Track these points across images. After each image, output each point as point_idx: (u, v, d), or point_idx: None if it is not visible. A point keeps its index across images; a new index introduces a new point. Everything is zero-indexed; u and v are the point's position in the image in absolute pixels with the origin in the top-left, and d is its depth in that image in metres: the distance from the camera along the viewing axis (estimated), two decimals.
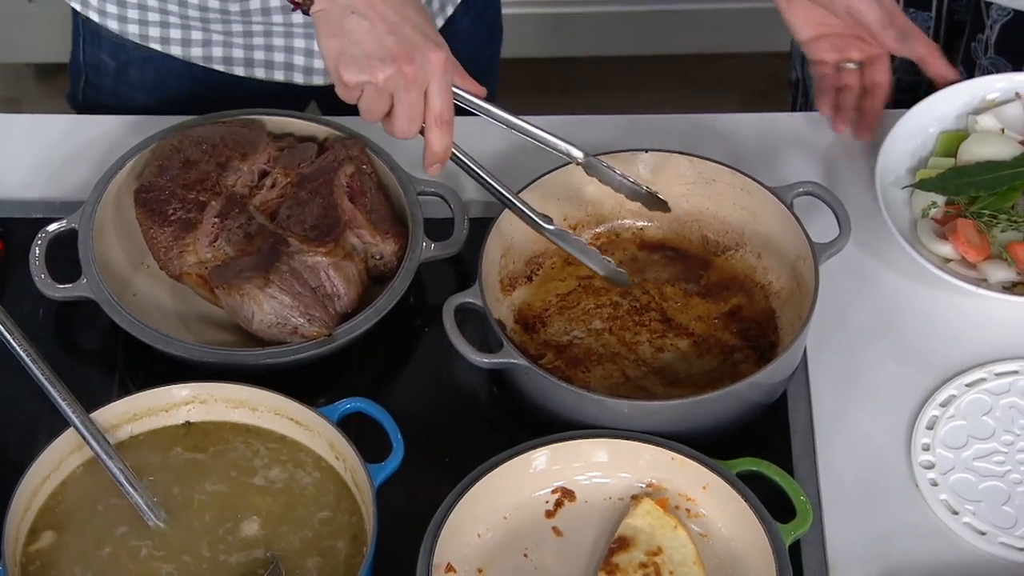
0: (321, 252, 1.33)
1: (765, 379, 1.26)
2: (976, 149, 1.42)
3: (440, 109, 1.21)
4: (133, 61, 1.54)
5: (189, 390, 1.26)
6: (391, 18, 1.19)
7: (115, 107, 1.56)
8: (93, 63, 1.57)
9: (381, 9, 1.19)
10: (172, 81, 1.54)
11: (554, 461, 1.25)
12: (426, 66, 1.19)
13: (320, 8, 1.21)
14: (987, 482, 1.26)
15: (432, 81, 1.20)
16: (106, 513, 1.22)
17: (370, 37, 1.19)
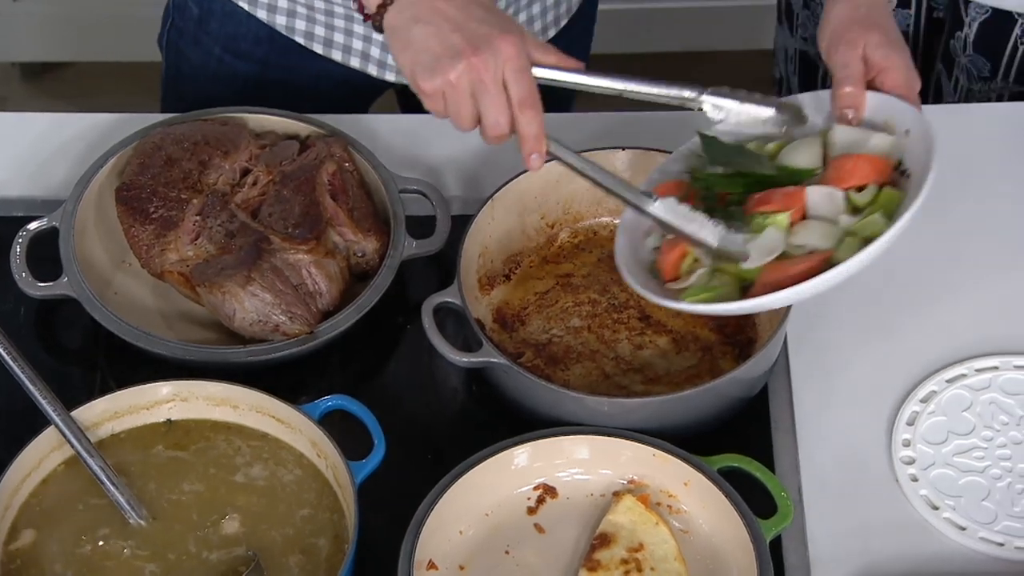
0: (303, 250, 1.33)
1: (744, 375, 1.26)
2: (789, 156, 1.29)
3: (521, 94, 1.16)
4: (215, 12, 1.54)
5: (170, 388, 1.26)
6: (456, 17, 1.17)
7: (193, 54, 1.58)
8: (180, 5, 1.58)
9: (445, 11, 1.17)
10: (248, 41, 1.54)
11: (535, 458, 1.25)
12: (495, 54, 1.16)
13: (390, 25, 1.20)
14: (967, 477, 1.27)
15: (506, 67, 1.16)
16: (87, 511, 1.22)
17: (437, 40, 1.17)
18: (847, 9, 1.28)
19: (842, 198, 1.22)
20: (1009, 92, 1.65)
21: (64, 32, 2.69)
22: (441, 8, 1.17)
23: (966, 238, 1.43)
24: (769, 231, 1.20)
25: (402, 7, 1.19)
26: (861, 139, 1.25)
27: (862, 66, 1.25)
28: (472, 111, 1.17)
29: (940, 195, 1.46)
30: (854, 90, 1.25)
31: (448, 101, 1.17)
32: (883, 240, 1.17)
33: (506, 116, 1.17)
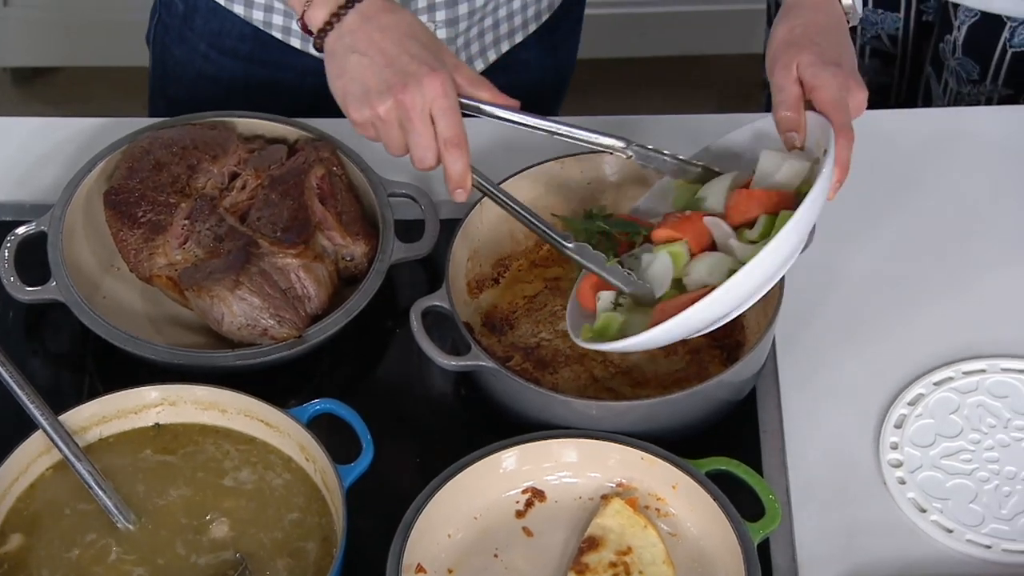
0: (291, 254, 1.33)
1: (732, 378, 1.26)
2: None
3: (448, 132, 1.19)
4: (200, 8, 1.54)
5: (158, 392, 1.26)
6: (390, 51, 1.19)
7: (179, 50, 1.58)
8: (166, 2, 1.59)
9: (381, 44, 1.20)
10: (232, 37, 1.55)
11: (524, 461, 1.25)
12: (422, 91, 1.18)
13: (329, 49, 1.22)
14: (954, 480, 1.27)
15: (433, 105, 1.19)
16: (75, 516, 1.22)
17: (371, 73, 1.19)
18: (784, 31, 1.28)
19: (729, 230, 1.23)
20: (998, 95, 1.66)
21: (54, 37, 2.69)
22: (377, 40, 1.20)
23: (953, 241, 1.44)
24: (658, 261, 1.23)
25: (342, 33, 1.21)
26: (773, 168, 1.25)
27: (797, 88, 1.25)
28: (401, 141, 1.21)
29: (928, 198, 1.47)
30: (791, 114, 1.25)
31: (379, 131, 1.21)
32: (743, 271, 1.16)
33: (433, 151, 1.20)
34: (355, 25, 1.21)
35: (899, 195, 1.47)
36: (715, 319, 1.20)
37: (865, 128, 1.52)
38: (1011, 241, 1.43)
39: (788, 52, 1.26)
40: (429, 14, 1.48)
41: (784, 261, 1.20)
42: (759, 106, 1.98)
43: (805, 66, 1.25)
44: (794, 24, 1.28)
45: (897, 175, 1.49)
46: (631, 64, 2.69)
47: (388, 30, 1.20)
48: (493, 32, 1.56)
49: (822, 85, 1.24)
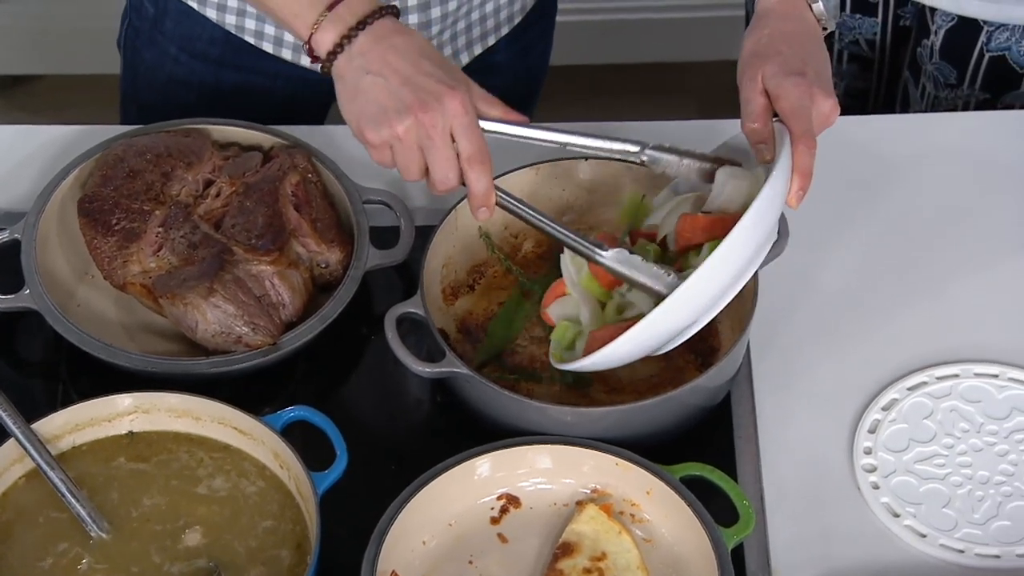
0: (266, 261, 1.33)
1: (706, 383, 1.27)
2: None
3: (470, 150, 1.18)
4: (170, 12, 1.54)
5: (132, 400, 1.26)
6: (405, 71, 1.18)
7: (149, 54, 1.58)
8: (136, 5, 1.58)
9: (395, 64, 1.18)
10: (203, 41, 1.54)
11: (498, 468, 1.25)
12: (443, 110, 1.17)
13: (339, 72, 1.20)
14: (928, 485, 1.27)
15: (454, 123, 1.17)
16: (48, 524, 1.22)
17: (386, 93, 1.17)
18: (751, 42, 1.28)
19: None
20: (976, 100, 1.66)
21: (34, 45, 2.68)
22: (391, 61, 1.18)
23: (928, 246, 1.44)
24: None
25: (352, 55, 1.19)
26: (719, 188, 1.24)
27: (763, 99, 1.24)
28: (420, 163, 1.19)
29: (903, 204, 1.48)
30: (757, 126, 1.24)
31: (396, 153, 1.19)
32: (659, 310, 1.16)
33: (455, 171, 1.19)
34: (367, 46, 1.19)
35: (874, 200, 1.47)
36: (650, 348, 1.19)
37: (840, 134, 1.53)
38: (985, 246, 1.44)
39: (754, 63, 1.26)
40: (402, 18, 1.48)
41: (723, 287, 1.18)
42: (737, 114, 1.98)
43: (769, 76, 1.25)
44: (761, 34, 1.28)
45: (872, 181, 1.49)
46: (608, 71, 2.70)
47: (400, 50, 1.19)
48: (466, 35, 1.56)
49: (783, 95, 1.24)
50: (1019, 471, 1.28)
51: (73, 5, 2.64)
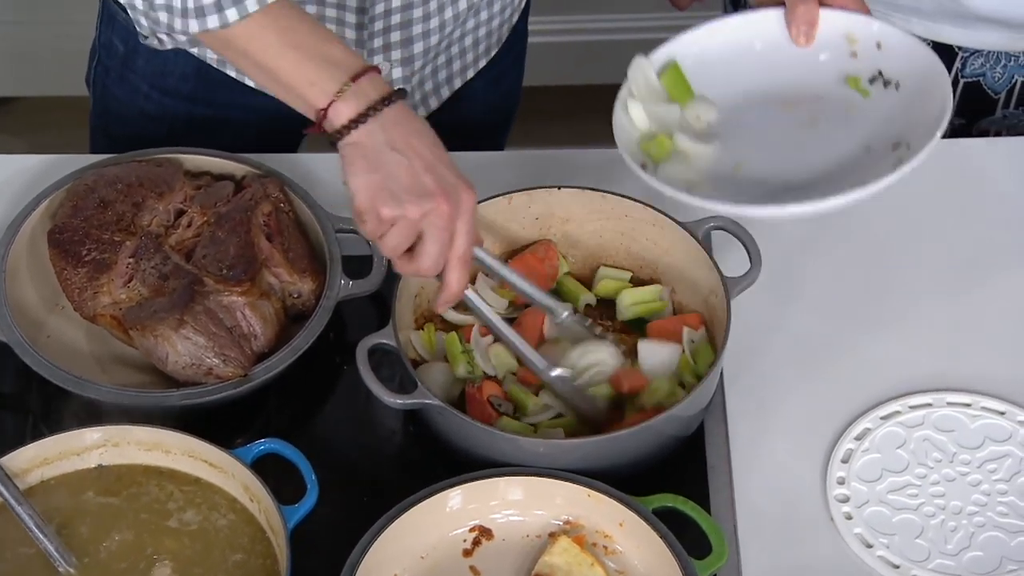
0: (237, 291, 1.32)
1: (679, 413, 1.26)
2: None
3: (464, 248, 1.21)
4: (141, 50, 1.53)
5: (100, 433, 1.25)
6: (427, 157, 1.20)
7: (120, 92, 1.57)
8: (106, 44, 1.58)
9: (418, 147, 1.20)
10: (174, 77, 1.54)
11: (470, 500, 1.24)
12: (460, 205, 1.20)
13: (355, 141, 1.20)
14: (901, 515, 1.27)
15: (461, 221, 1.20)
16: (16, 560, 1.21)
17: (408, 173, 1.19)
18: None
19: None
20: (951, 125, 1.66)
21: (10, 68, 2.67)
22: (414, 144, 1.20)
23: (900, 275, 1.44)
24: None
25: (374, 129, 1.20)
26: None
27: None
28: (405, 244, 1.21)
29: (876, 232, 1.48)
30: (808, 7, 1.26)
31: (395, 232, 1.20)
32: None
33: (443, 261, 1.21)
34: (389, 124, 1.20)
35: (846, 229, 1.47)
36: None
37: None
38: (958, 275, 1.44)
39: None
40: (385, 54, 1.48)
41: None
42: None
43: None
44: None
45: (845, 210, 1.48)
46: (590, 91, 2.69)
47: (422, 136, 1.21)
48: (447, 69, 1.56)
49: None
50: (992, 501, 1.27)
51: (49, 27, 2.64)
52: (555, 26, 2.64)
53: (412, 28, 1.47)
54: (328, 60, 1.20)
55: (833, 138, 1.30)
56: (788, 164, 1.29)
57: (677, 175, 1.28)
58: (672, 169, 1.29)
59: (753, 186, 1.27)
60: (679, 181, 1.26)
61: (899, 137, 1.28)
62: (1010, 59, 1.61)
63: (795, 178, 1.28)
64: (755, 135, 1.31)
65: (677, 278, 1.36)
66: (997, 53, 1.60)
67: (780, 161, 1.29)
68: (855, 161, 1.29)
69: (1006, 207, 1.49)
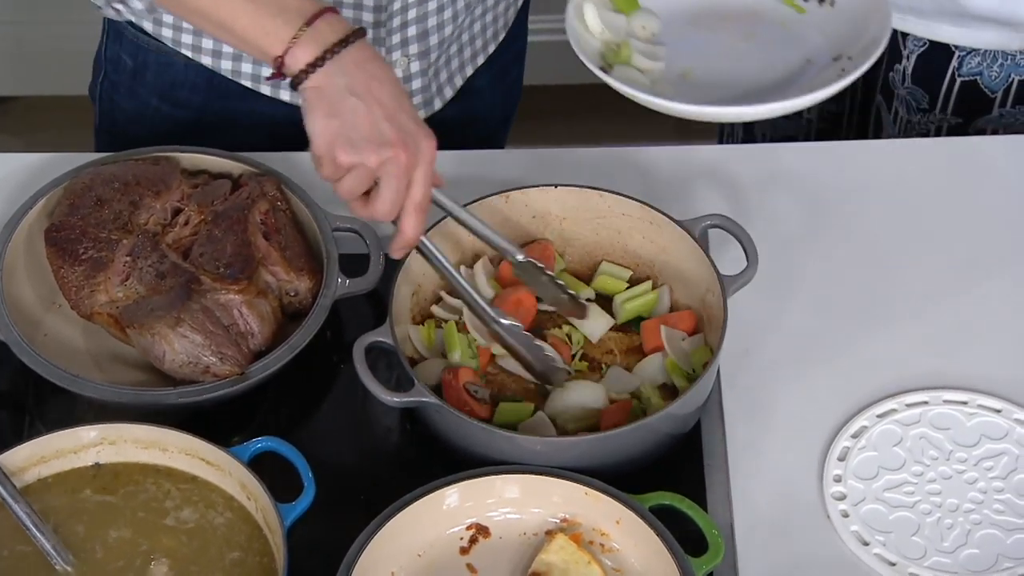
0: (234, 290, 1.32)
1: (676, 411, 1.26)
2: None
3: (421, 196, 1.21)
4: (150, 64, 1.54)
5: (97, 431, 1.25)
6: (388, 104, 1.20)
7: (128, 105, 1.57)
8: (113, 59, 1.58)
9: (378, 94, 1.20)
10: (185, 89, 1.54)
11: (467, 498, 1.24)
12: (420, 153, 1.20)
13: (316, 85, 1.20)
14: (897, 513, 1.27)
15: (419, 168, 1.20)
16: (13, 558, 1.21)
17: (368, 121, 1.19)
18: None
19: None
20: (948, 124, 1.67)
21: (8, 66, 2.67)
22: (375, 90, 1.20)
23: (897, 273, 1.44)
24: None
25: (333, 72, 1.20)
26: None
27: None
28: (361, 189, 1.21)
29: (873, 230, 1.48)
30: None
31: (351, 177, 1.20)
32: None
33: (398, 208, 1.22)
34: (350, 67, 1.20)
35: (844, 227, 1.47)
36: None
37: (810, 161, 1.54)
38: (955, 273, 1.44)
39: None
40: (403, 49, 1.49)
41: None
42: (713, 135, 1.98)
43: None
44: None
45: (841, 208, 1.49)
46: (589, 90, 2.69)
47: (383, 82, 1.20)
48: (458, 58, 1.57)
49: None
50: (988, 499, 1.27)
51: (48, 27, 2.64)
52: (555, 25, 2.64)
53: (428, 21, 1.48)
54: (282, 7, 1.21)
55: (772, 51, 1.40)
56: (733, 74, 1.38)
57: (632, 79, 1.36)
58: (626, 73, 1.37)
59: (704, 92, 1.36)
60: (632, 81, 1.35)
61: (840, 50, 1.37)
62: (1007, 58, 1.61)
63: (742, 86, 1.37)
64: (698, 46, 1.41)
65: (674, 276, 1.36)
66: (994, 52, 1.61)
67: (725, 71, 1.39)
68: (799, 72, 1.38)
69: (1003, 206, 1.49)
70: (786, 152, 1.55)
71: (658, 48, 1.41)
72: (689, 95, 1.34)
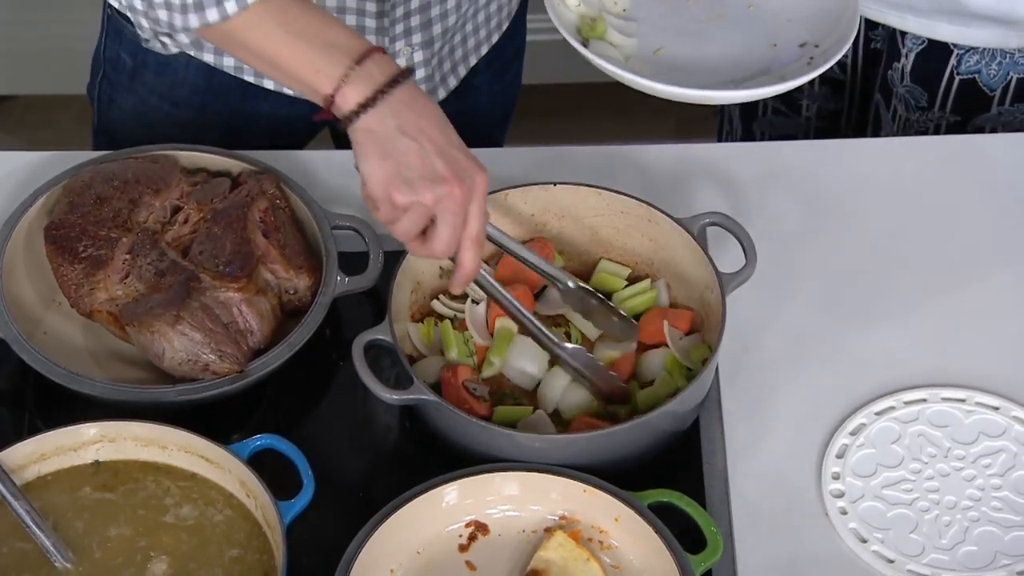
0: (233, 288, 1.32)
1: (675, 408, 1.26)
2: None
3: (478, 230, 1.21)
4: (149, 64, 1.54)
5: (97, 429, 1.25)
6: (438, 140, 1.20)
7: (127, 104, 1.57)
8: (112, 58, 1.57)
9: (429, 131, 1.20)
10: (185, 88, 1.54)
11: (466, 495, 1.25)
12: (473, 187, 1.20)
13: (367, 127, 1.20)
14: (895, 510, 1.27)
15: (474, 202, 1.20)
16: (12, 555, 1.21)
17: (420, 159, 1.19)
18: None
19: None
20: (947, 122, 1.67)
21: (6, 65, 2.68)
22: (425, 128, 1.20)
23: (895, 271, 1.44)
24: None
25: (384, 114, 1.19)
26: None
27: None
28: (418, 228, 1.21)
29: (871, 228, 1.48)
30: None
31: (408, 216, 1.20)
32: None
33: (456, 243, 1.21)
34: (399, 107, 1.20)
35: (843, 226, 1.48)
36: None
37: (809, 159, 1.54)
38: (953, 271, 1.44)
39: None
40: (406, 38, 1.49)
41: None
42: (713, 133, 1.98)
43: None
44: None
45: (840, 206, 1.49)
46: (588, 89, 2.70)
47: (431, 119, 1.21)
48: (462, 48, 1.57)
49: None
50: (986, 496, 1.28)
51: (46, 26, 2.64)
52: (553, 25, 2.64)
53: (431, 10, 1.48)
54: (331, 45, 1.20)
55: (739, 32, 1.43)
56: (702, 53, 1.42)
57: (607, 54, 1.39)
58: (601, 48, 1.40)
59: (675, 71, 1.39)
60: (609, 56, 1.38)
61: (805, 37, 1.41)
62: (1006, 56, 1.61)
63: (712, 66, 1.40)
64: (667, 25, 1.44)
65: (673, 274, 1.37)
66: (993, 50, 1.61)
67: (694, 50, 1.42)
68: (766, 56, 1.41)
69: (1001, 203, 1.49)
70: (785, 150, 1.56)
71: (630, 24, 1.43)
72: (662, 75, 1.36)
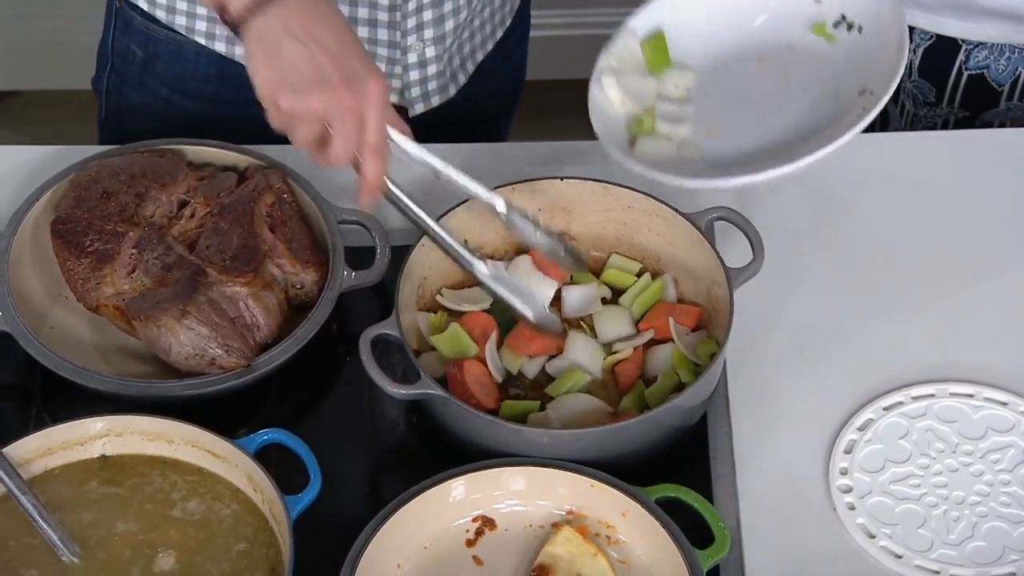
0: (240, 282, 1.32)
1: (682, 404, 1.26)
2: None
3: (376, 139, 1.18)
4: (161, 55, 1.53)
5: (104, 423, 1.25)
6: (329, 44, 1.17)
7: (137, 97, 1.57)
8: (121, 51, 1.56)
9: (320, 36, 1.17)
10: (196, 80, 1.53)
11: (473, 490, 1.24)
12: (364, 94, 1.17)
13: (255, 31, 1.18)
14: (903, 505, 1.27)
15: (369, 109, 1.17)
16: (19, 548, 1.21)
17: (307, 63, 1.16)
18: None
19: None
20: (955, 117, 1.66)
21: (10, 61, 2.68)
22: (316, 32, 1.17)
23: (903, 266, 1.44)
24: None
25: (273, 18, 1.17)
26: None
27: None
28: (316, 135, 1.18)
29: (878, 223, 1.48)
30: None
31: (299, 122, 1.18)
32: None
33: (352, 153, 1.18)
34: (291, 11, 1.17)
35: (849, 220, 1.47)
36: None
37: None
38: (961, 266, 1.44)
39: None
40: (418, 33, 1.49)
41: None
42: None
43: None
44: None
45: (847, 200, 1.49)
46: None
47: (325, 23, 1.17)
48: (471, 43, 1.57)
49: None
50: (994, 491, 1.27)
51: (49, 21, 2.64)
52: (558, 20, 2.64)
53: (444, 5, 1.48)
54: None
55: (805, 91, 1.35)
56: (760, 123, 1.34)
57: (655, 148, 1.32)
58: (649, 144, 1.33)
59: (727, 151, 1.32)
60: (657, 152, 1.31)
61: (864, 84, 1.32)
62: (1014, 51, 1.61)
63: (767, 138, 1.32)
64: (730, 97, 1.36)
65: (680, 269, 1.36)
66: (1001, 45, 1.60)
67: (752, 120, 1.34)
68: (826, 113, 1.32)
69: (1010, 198, 1.49)
70: None
71: (686, 109, 1.34)
72: (716, 156, 1.30)
